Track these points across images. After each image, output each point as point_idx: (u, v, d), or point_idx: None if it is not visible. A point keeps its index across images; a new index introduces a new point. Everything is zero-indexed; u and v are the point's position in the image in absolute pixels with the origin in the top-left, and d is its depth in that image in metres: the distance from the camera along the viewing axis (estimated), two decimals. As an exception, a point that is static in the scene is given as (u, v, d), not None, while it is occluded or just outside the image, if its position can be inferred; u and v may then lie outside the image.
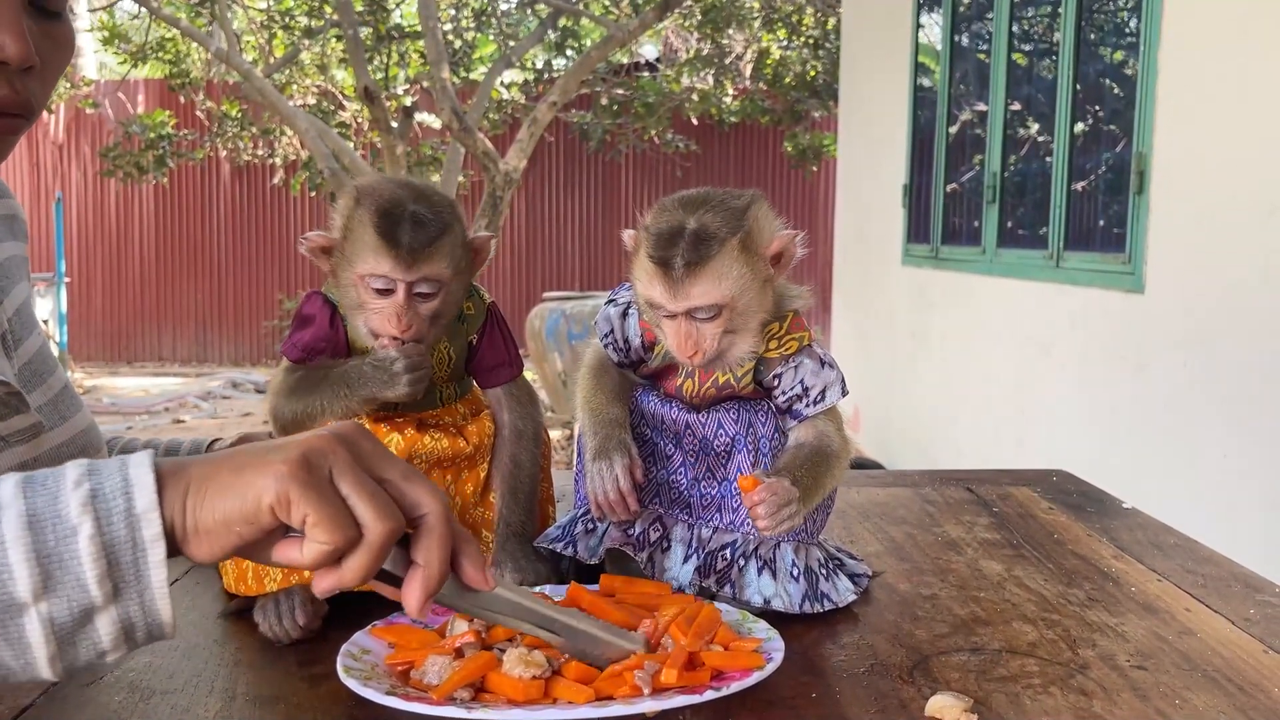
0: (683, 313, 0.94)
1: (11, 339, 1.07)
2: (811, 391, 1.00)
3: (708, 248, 0.93)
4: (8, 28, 0.87)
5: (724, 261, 0.93)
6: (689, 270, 0.93)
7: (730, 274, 0.94)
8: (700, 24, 10.10)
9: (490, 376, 1.06)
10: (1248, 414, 2.92)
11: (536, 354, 7.11)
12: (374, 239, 0.94)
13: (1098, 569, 1.14)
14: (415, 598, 0.65)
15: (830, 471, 0.99)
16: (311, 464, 0.62)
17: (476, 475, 1.05)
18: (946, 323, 5.20)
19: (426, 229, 0.94)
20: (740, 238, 0.94)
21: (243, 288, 10.93)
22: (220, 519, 0.61)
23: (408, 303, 0.95)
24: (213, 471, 0.62)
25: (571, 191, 11.12)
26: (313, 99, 9.92)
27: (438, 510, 0.65)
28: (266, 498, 0.61)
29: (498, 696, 0.77)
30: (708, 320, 0.95)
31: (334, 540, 0.61)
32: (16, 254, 1.17)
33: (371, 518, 0.62)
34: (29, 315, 1.14)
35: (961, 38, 5.39)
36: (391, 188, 0.97)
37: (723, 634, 0.85)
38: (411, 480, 0.66)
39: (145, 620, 0.62)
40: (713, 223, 0.94)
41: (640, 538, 1.01)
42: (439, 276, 0.96)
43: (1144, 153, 3.42)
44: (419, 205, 0.95)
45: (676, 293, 0.94)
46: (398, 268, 0.94)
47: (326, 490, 0.62)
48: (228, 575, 0.99)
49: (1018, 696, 0.82)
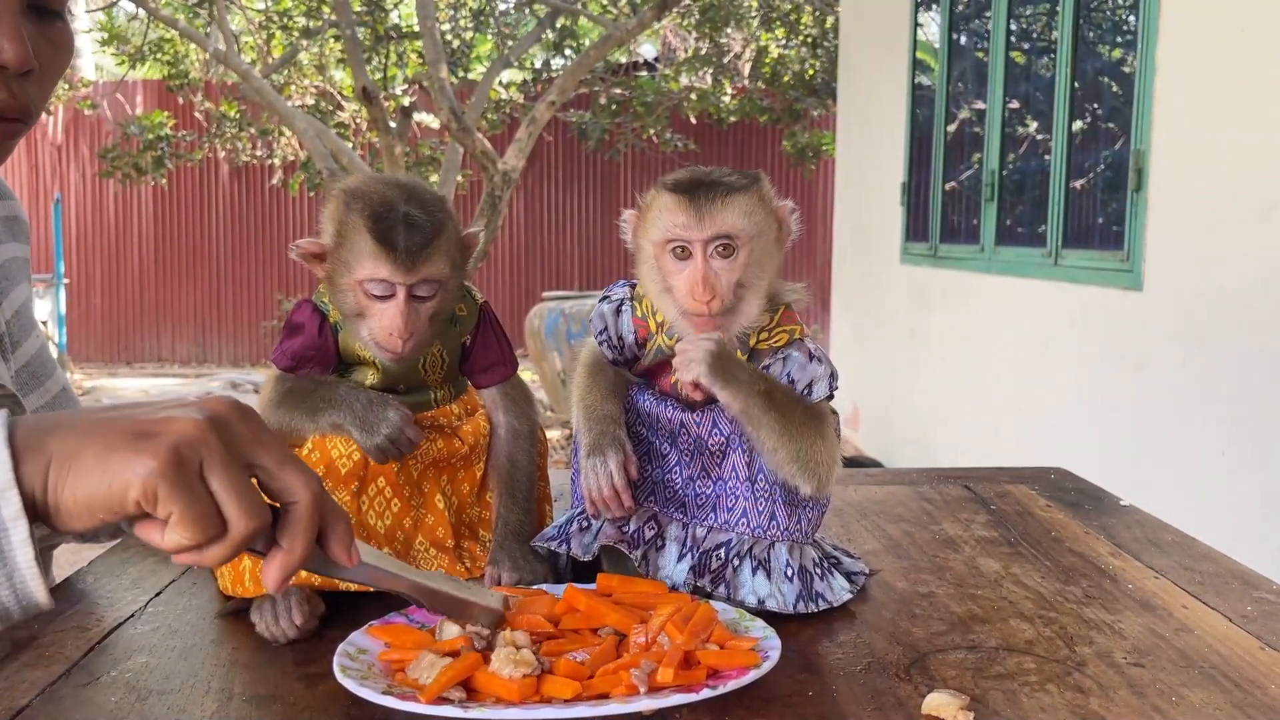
0: (704, 242, 0.96)
1: (9, 341, 1.06)
2: (798, 385, 1.00)
3: (730, 185, 0.98)
4: (6, 32, 0.87)
5: (747, 200, 0.98)
6: (713, 199, 0.96)
7: (755, 213, 0.98)
8: (698, 23, 10.10)
9: (485, 377, 1.06)
10: (1246, 411, 2.92)
11: (535, 353, 7.11)
12: (370, 244, 0.93)
13: (1095, 566, 1.14)
14: (272, 576, 0.66)
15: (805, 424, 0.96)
16: (182, 458, 0.60)
17: (473, 475, 1.05)
18: (945, 321, 5.20)
19: (422, 230, 0.94)
20: (759, 190, 0.99)
21: (242, 288, 10.93)
22: (83, 503, 0.60)
23: (409, 305, 0.95)
24: (76, 447, 0.60)
25: (570, 191, 11.12)
26: (311, 99, 9.92)
27: (307, 499, 0.66)
28: (133, 492, 0.60)
29: (489, 696, 0.76)
30: (726, 259, 0.96)
31: (196, 539, 0.61)
32: (18, 256, 1.16)
33: (236, 516, 0.62)
34: (28, 317, 1.13)
35: (960, 36, 5.39)
36: (380, 188, 0.97)
37: (719, 632, 0.85)
38: (285, 466, 0.66)
39: (17, 600, 0.61)
40: (728, 175, 0.99)
41: (635, 535, 1.00)
42: (438, 276, 0.96)
43: (1142, 150, 3.42)
44: (410, 206, 0.95)
45: (702, 218, 0.96)
46: (397, 271, 0.93)
47: (194, 488, 0.61)
48: (224, 577, 0.99)
49: (1015, 694, 0.82)
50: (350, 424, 0.96)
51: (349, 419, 0.96)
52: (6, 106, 0.89)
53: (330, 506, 0.68)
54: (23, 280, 1.15)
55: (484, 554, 1.03)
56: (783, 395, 0.97)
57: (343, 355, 1.01)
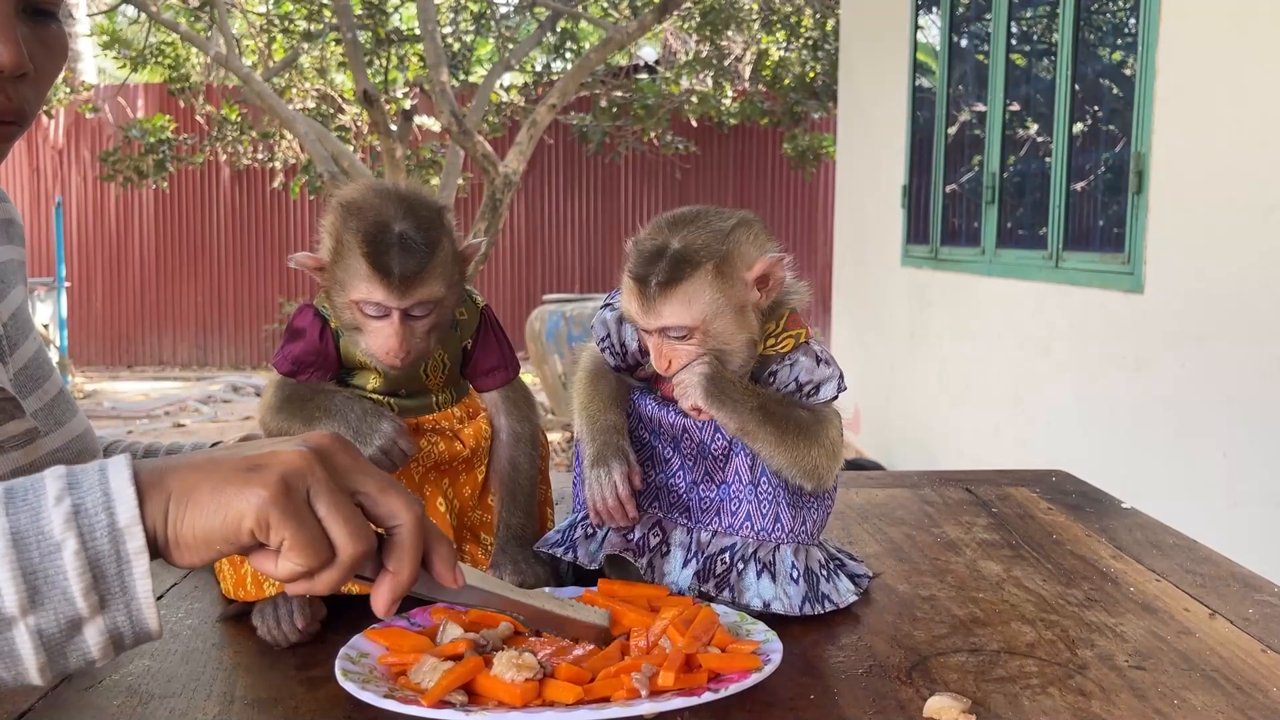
0: (656, 330, 0.96)
1: (7, 344, 1.06)
2: (806, 388, 1.00)
3: (679, 270, 0.94)
4: (1, 34, 0.86)
5: (695, 285, 0.94)
6: (660, 290, 0.94)
7: (701, 298, 0.94)
8: (699, 26, 10.11)
9: (486, 380, 1.06)
10: (1246, 413, 2.92)
11: (536, 356, 7.11)
12: (365, 268, 0.93)
13: (1096, 569, 1.14)
14: (382, 601, 0.68)
15: (801, 429, 0.97)
16: (290, 487, 0.63)
17: (474, 478, 1.05)
18: (946, 323, 5.20)
19: (416, 254, 0.93)
20: (715, 263, 0.95)
21: (243, 291, 10.94)
22: (201, 536, 0.62)
23: (403, 325, 0.95)
24: (193, 484, 0.63)
25: (571, 193, 11.12)
26: (312, 102, 9.92)
27: (411, 522, 0.67)
28: (247, 522, 0.62)
29: (491, 700, 0.77)
30: (680, 340, 0.96)
31: (309, 564, 0.63)
32: (14, 258, 1.16)
33: (345, 541, 0.64)
34: (25, 319, 1.13)
35: (960, 38, 5.39)
36: (377, 204, 0.95)
37: (720, 636, 0.85)
38: (387, 492, 0.67)
39: (132, 629, 0.63)
40: (694, 245, 0.95)
41: (640, 543, 1.01)
42: (433, 298, 0.95)
43: (1142, 153, 3.42)
44: (406, 224, 0.94)
45: (649, 311, 0.96)
46: (391, 296, 0.93)
47: (304, 514, 0.63)
48: (226, 580, 0.99)
49: (1016, 697, 0.82)
50: (344, 434, 0.96)
51: (343, 429, 0.96)
52: (2, 110, 0.89)
53: (432, 530, 0.70)
54: (19, 283, 1.15)
55: (485, 557, 1.03)
56: (778, 406, 0.97)
57: (344, 359, 1.01)
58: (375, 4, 9.06)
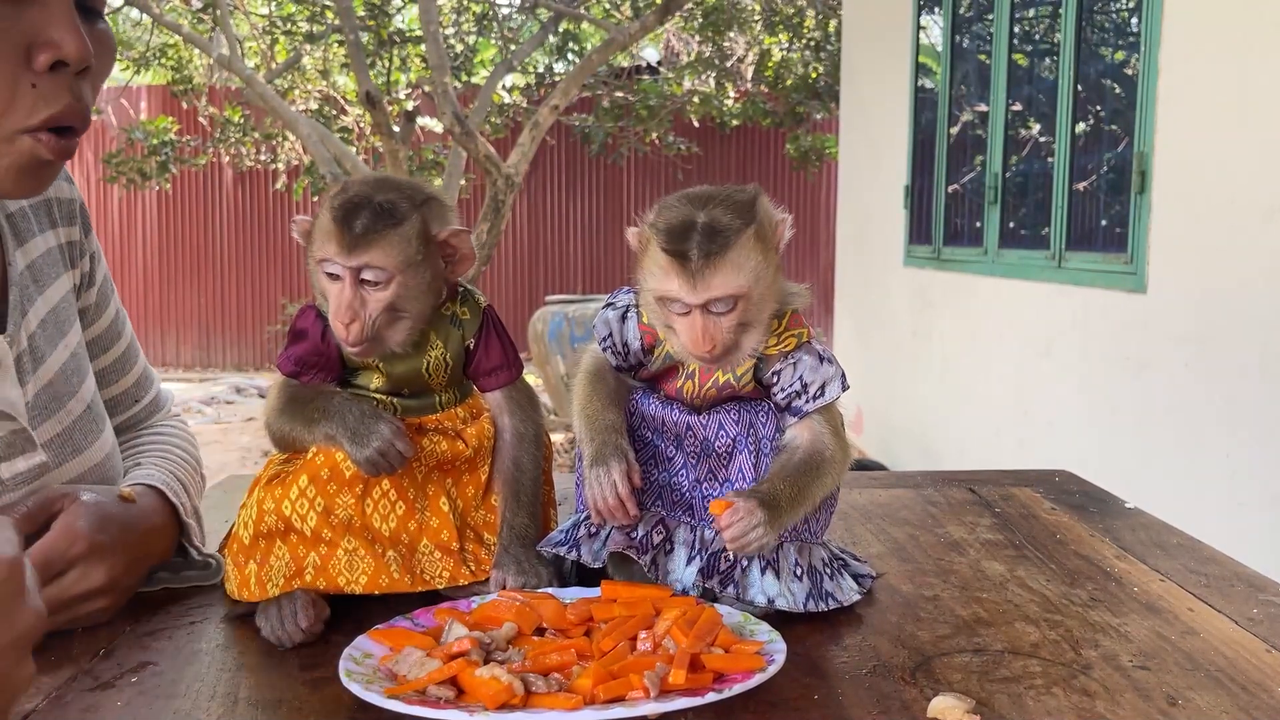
0: (700, 306, 0.94)
1: (30, 359, 0.99)
2: (810, 388, 1.00)
3: (725, 238, 0.93)
4: (66, 26, 0.83)
5: (741, 251, 0.93)
6: (708, 261, 0.92)
7: (748, 264, 0.94)
8: (701, 27, 10.11)
9: (489, 380, 1.06)
10: (1250, 413, 2.91)
11: (539, 357, 7.11)
12: (327, 222, 0.94)
13: (1100, 569, 1.13)
14: None
15: (820, 479, 0.98)
16: None
17: (477, 478, 1.05)
18: (948, 323, 5.20)
19: (378, 216, 0.94)
20: (754, 228, 0.95)
21: (245, 292, 10.95)
22: None
23: (354, 291, 0.94)
24: None
25: (573, 194, 11.13)
26: (315, 104, 9.93)
27: None
28: None
29: (475, 699, 0.76)
30: (725, 313, 0.94)
31: None
32: (58, 244, 1.09)
33: None
34: (64, 318, 1.06)
35: (962, 39, 5.39)
36: (370, 180, 0.98)
37: (724, 636, 0.85)
38: None
39: None
40: (723, 215, 0.94)
41: (643, 541, 1.00)
42: (383, 264, 0.94)
43: (1145, 152, 3.42)
44: (382, 194, 0.95)
45: (696, 284, 0.93)
46: (341, 252, 0.94)
47: None
48: (230, 581, 0.99)
49: (1020, 697, 0.82)
50: (341, 436, 0.96)
51: (340, 431, 0.96)
52: (72, 114, 0.86)
53: None
54: (61, 274, 1.08)
55: (489, 558, 1.03)
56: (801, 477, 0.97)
57: (346, 360, 1.01)
58: (378, 5, 9.06)
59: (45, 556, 0.89)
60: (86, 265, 1.13)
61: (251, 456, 6.66)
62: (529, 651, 0.83)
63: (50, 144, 0.85)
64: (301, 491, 0.98)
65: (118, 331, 1.19)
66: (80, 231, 1.13)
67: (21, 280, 1.02)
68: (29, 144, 0.85)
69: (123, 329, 1.20)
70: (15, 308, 0.99)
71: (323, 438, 0.98)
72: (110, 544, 0.93)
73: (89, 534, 0.91)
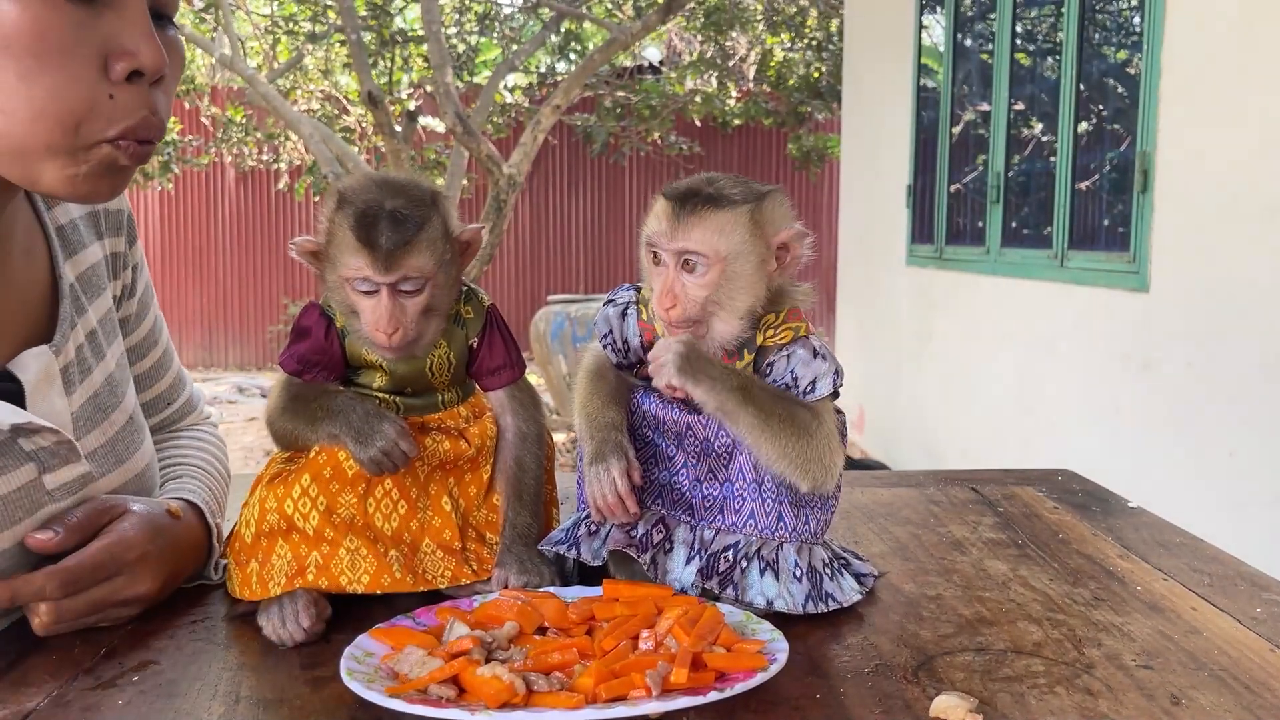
0: (675, 253, 0.96)
1: (78, 371, 1.00)
2: (801, 382, 0.99)
3: (719, 200, 0.96)
4: (143, 34, 0.82)
5: (731, 217, 0.95)
6: (696, 210, 0.95)
7: (731, 234, 0.95)
8: (703, 26, 10.11)
9: (492, 379, 1.06)
10: (1253, 412, 2.91)
11: (541, 357, 7.11)
12: (352, 240, 0.94)
13: (1103, 568, 1.13)
14: None
15: (787, 412, 0.95)
16: None
17: (479, 477, 1.05)
18: (950, 323, 5.20)
19: (404, 227, 0.94)
20: (751, 209, 0.96)
21: (248, 292, 10.96)
22: None
23: (393, 302, 0.95)
24: None
25: (575, 194, 11.13)
26: (316, 104, 9.94)
27: None
28: None
29: (477, 698, 0.76)
30: (693, 274, 0.96)
31: None
32: (104, 255, 1.09)
33: None
34: (108, 329, 1.07)
35: (964, 38, 5.39)
36: (371, 186, 0.97)
37: (726, 635, 0.85)
38: None
39: None
40: (730, 188, 0.97)
41: (643, 539, 1.00)
42: (420, 272, 0.95)
43: (1148, 151, 3.42)
44: (396, 201, 0.95)
45: (676, 230, 0.95)
46: (376, 269, 0.94)
47: None
48: (232, 580, 0.99)
49: (1023, 696, 0.82)
50: (345, 435, 0.96)
51: (344, 430, 0.96)
52: (150, 126, 0.85)
53: None
54: (106, 286, 1.08)
55: (491, 557, 1.03)
56: (762, 391, 0.97)
57: (350, 358, 1.01)
58: (379, 5, 9.07)
59: (101, 559, 0.92)
60: (129, 277, 1.15)
61: (254, 456, 6.67)
62: (531, 650, 0.83)
63: (129, 150, 0.85)
64: (304, 490, 0.98)
65: (154, 339, 1.20)
66: (125, 243, 1.14)
67: (72, 293, 1.02)
68: (107, 150, 0.84)
69: (159, 336, 1.21)
70: (65, 319, 1.00)
71: (326, 437, 0.98)
72: (158, 554, 0.97)
73: (142, 543, 0.95)
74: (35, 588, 0.89)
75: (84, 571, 0.91)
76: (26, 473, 0.92)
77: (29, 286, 0.98)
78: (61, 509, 0.95)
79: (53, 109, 0.80)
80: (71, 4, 0.80)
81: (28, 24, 0.78)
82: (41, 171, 0.84)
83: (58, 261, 1.02)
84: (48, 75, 0.80)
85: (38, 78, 0.79)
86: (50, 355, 0.96)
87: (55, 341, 0.97)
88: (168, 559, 0.98)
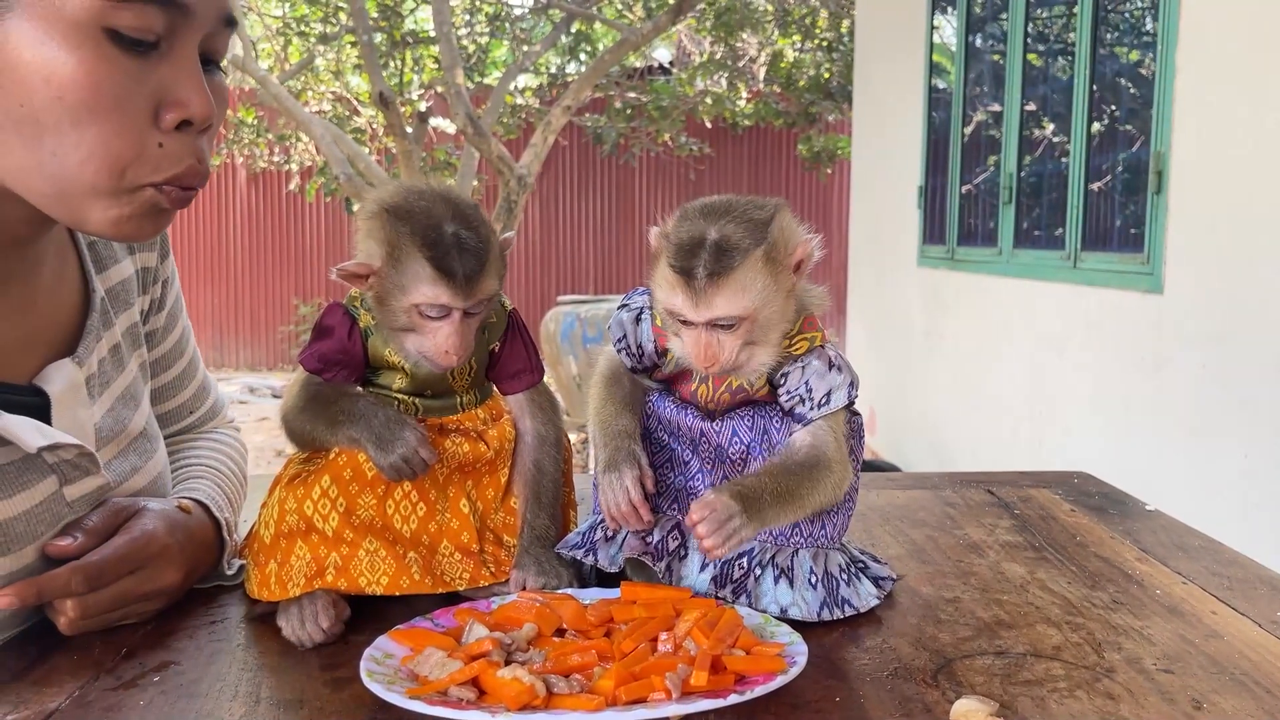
0: (704, 323, 0.94)
1: (98, 383, 1.01)
2: (815, 394, 0.98)
3: (730, 259, 0.92)
4: (195, 86, 0.83)
5: (747, 273, 0.92)
6: (711, 281, 0.91)
7: (754, 286, 0.92)
8: (714, 27, 10.11)
9: (512, 383, 1.06)
10: (1268, 414, 2.90)
11: (551, 357, 7.11)
12: (430, 271, 0.93)
13: (1121, 571, 1.13)
14: None
15: (814, 484, 0.96)
16: None
17: (497, 480, 1.05)
18: (962, 324, 5.18)
19: (476, 255, 0.95)
20: (764, 249, 0.93)
21: (258, 293, 10.99)
22: None
23: (463, 324, 0.96)
24: None
25: (585, 195, 11.14)
26: (328, 105, 9.97)
27: None
28: None
29: (497, 700, 0.77)
30: (728, 330, 0.93)
31: None
32: (135, 270, 1.10)
33: None
34: (130, 342, 1.08)
35: (976, 38, 5.37)
36: (424, 205, 0.96)
37: (745, 638, 0.85)
38: None
39: None
40: (735, 233, 0.93)
41: (658, 546, 1.00)
42: (489, 294, 0.97)
43: (1162, 152, 3.40)
44: (457, 224, 0.95)
45: (698, 303, 0.92)
46: (456, 297, 0.94)
47: None
48: (251, 581, 0.99)
49: (1044, 700, 0.82)
50: (366, 440, 0.97)
51: (365, 435, 0.97)
52: (193, 174, 0.86)
53: None
54: (134, 300, 1.10)
55: (508, 559, 1.03)
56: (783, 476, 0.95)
57: (371, 359, 1.01)
58: (390, 6, 9.09)
59: (124, 551, 0.93)
60: (158, 291, 1.16)
61: (264, 456, 6.69)
62: (550, 652, 0.83)
63: (172, 195, 0.86)
64: (324, 491, 0.98)
65: (180, 350, 1.21)
66: (157, 258, 1.15)
67: (101, 306, 1.03)
68: (150, 194, 0.85)
69: (186, 347, 1.22)
70: (90, 332, 1.01)
71: (346, 440, 0.98)
72: (179, 548, 0.98)
73: (163, 536, 0.97)
74: (61, 583, 0.89)
75: (108, 565, 0.92)
76: (48, 486, 0.93)
77: (59, 306, 1.00)
78: (77, 516, 0.96)
79: (101, 154, 0.81)
80: (126, 56, 0.80)
81: (83, 76, 0.79)
82: (88, 212, 0.85)
83: (90, 276, 1.03)
84: (99, 124, 0.80)
85: (89, 126, 0.80)
86: (74, 368, 0.97)
87: (79, 353, 0.98)
88: (188, 551, 1.00)
